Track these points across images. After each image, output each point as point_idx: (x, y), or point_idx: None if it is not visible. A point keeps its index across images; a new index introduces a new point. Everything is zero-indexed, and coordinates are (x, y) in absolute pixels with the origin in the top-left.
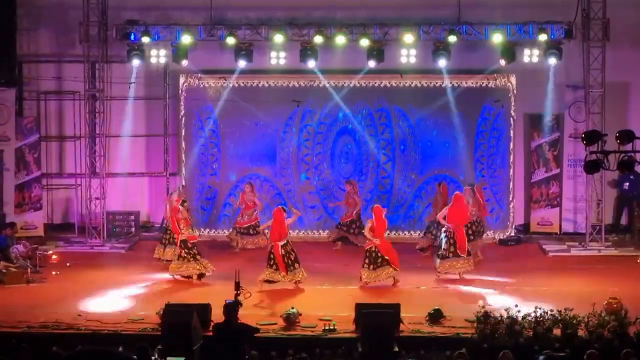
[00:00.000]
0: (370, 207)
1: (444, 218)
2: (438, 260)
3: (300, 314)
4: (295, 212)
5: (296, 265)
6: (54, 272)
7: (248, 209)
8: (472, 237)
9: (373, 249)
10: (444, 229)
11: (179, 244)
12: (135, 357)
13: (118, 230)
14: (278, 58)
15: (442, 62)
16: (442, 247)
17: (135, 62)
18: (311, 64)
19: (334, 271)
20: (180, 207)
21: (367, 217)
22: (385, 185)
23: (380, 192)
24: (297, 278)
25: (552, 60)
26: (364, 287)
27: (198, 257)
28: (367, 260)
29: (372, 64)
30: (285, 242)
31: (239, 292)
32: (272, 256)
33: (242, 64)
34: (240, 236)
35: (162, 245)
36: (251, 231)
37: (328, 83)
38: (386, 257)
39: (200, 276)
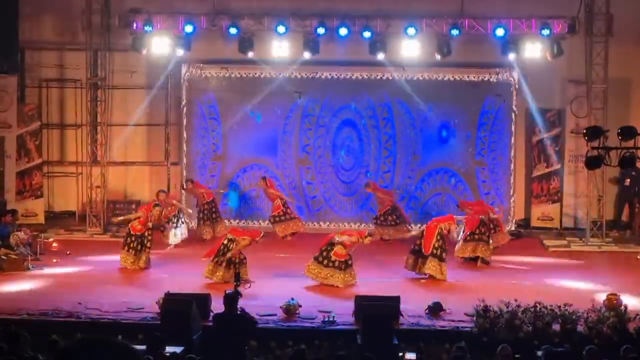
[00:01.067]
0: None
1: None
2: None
3: (300, 305)
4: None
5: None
6: (54, 260)
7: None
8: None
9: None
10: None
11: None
12: (134, 346)
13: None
14: (280, 49)
15: (444, 56)
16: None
17: (138, 51)
18: (314, 55)
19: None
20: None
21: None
22: (386, 179)
23: (381, 185)
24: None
25: (555, 55)
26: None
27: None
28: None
29: (374, 56)
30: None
31: (238, 282)
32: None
33: (244, 54)
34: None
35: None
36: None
37: (330, 74)
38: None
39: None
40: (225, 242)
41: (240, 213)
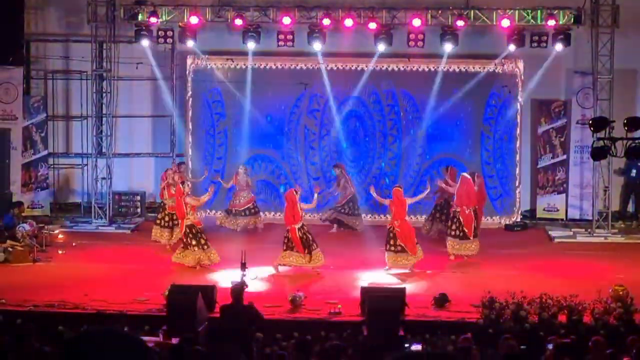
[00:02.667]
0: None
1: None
2: (449, 240)
3: (306, 297)
4: (314, 199)
5: (314, 246)
6: (59, 252)
7: (242, 190)
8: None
9: (392, 230)
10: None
11: (184, 229)
12: (140, 337)
13: (124, 210)
14: (286, 40)
15: (450, 47)
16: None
17: (143, 42)
18: (319, 46)
19: (341, 254)
20: (187, 189)
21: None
22: (392, 166)
23: (387, 173)
24: (316, 262)
25: (561, 46)
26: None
27: (205, 245)
28: (390, 242)
29: (380, 47)
30: (300, 224)
31: (245, 273)
32: (288, 240)
33: (249, 45)
34: (235, 218)
35: (159, 227)
36: (248, 212)
37: (336, 65)
38: (401, 244)
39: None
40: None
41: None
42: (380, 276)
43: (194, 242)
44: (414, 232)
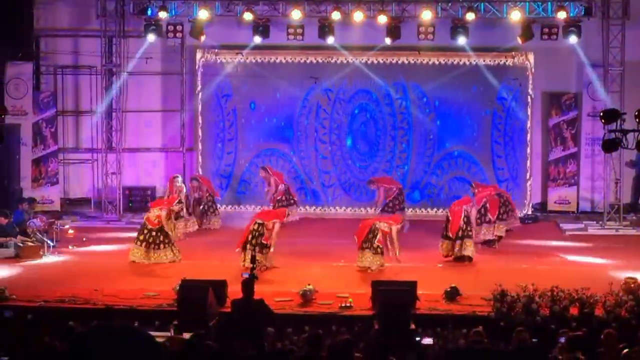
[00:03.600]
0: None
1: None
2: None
3: (317, 291)
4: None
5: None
6: (70, 247)
7: (273, 186)
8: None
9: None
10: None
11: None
12: (149, 333)
13: (134, 205)
14: (295, 34)
15: (460, 40)
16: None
17: (152, 37)
18: (329, 40)
19: (351, 248)
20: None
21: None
22: (403, 159)
23: (397, 166)
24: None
25: (571, 39)
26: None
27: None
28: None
29: (389, 40)
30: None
31: (254, 265)
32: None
33: (259, 39)
34: None
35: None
36: (285, 203)
37: (346, 59)
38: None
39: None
40: (255, 227)
41: (237, 199)
42: (392, 270)
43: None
44: None
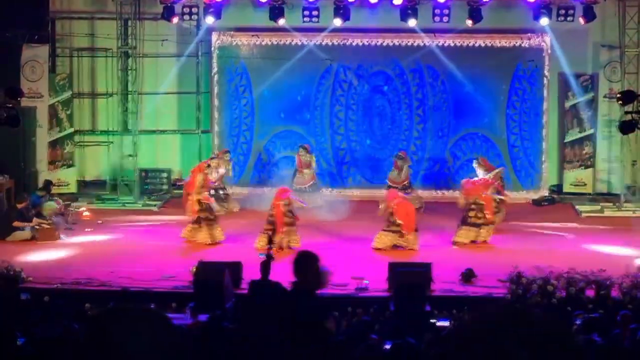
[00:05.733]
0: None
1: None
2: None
3: (332, 273)
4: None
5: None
6: (86, 229)
7: (305, 168)
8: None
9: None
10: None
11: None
12: (166, 314)
13: (150, 187)
14: (311, 16)
15: (475, 22)
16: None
17: (168, 19)
18: (344, 22)
19: (367, 230)
20: (207, 170)
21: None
22: (418, 146)
23: (412, 151)
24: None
25: (587, 20)
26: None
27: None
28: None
29: (405, 23)
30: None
31: (271, 246)
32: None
33: (275, 21)
34: (300, 195)
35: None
36: (311, 189)
37: (361, 41)
38: (399, 221)
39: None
40: (286, 207)
41: (253, 180)
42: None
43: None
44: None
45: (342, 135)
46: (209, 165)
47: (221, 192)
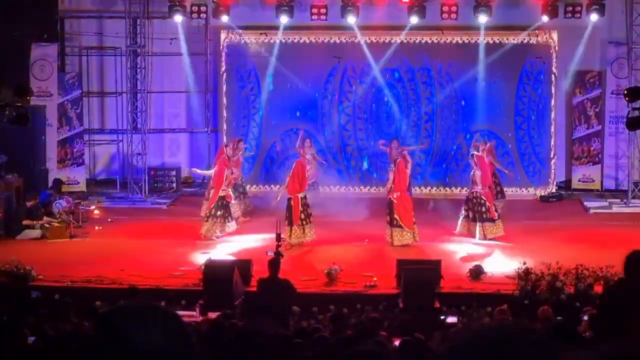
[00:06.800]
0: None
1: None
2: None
3: (342, 270)
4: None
5: (307, 220)
6: (96, 227)
7: (309, 164)
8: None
9: (390, 202)
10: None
11: (216, 199)
12: (175, 312)
13: (160, 185)
14: (319, 14)
15: (483, 19)
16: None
17: (177, 18)
18: (352, 20)
19: (375, 228)
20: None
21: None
22: (426, 143)
23: (421, 149)
24: (306, 237)
25: (595, 16)
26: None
27: (229, 218)
28: (389, 215)
29: (413, 20)
30: (304, 194)
31: (280, 243)
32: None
33: (283, 19)
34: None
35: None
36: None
37: (369, 38)
38: (397, 217)
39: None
40: (303, 201)
41: (262, 178)
42: (415, 248)
43: (218, 213)
44: (412, 207)
45: (350, 132)
46: (228, 157)
47: (241, 189)
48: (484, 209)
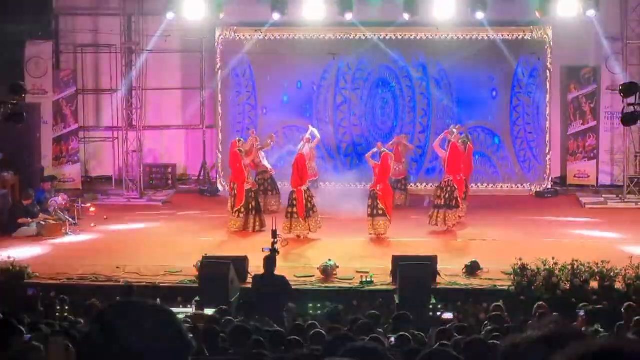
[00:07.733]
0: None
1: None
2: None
3: (338, 266)
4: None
5: (311, 212)
6: (91, 225)
7: (309, 161)
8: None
9: (374, 193)
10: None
11: (245, 194)
12: (171, 309)
13: (155, 182)
14: (314, 10)
15: (478, 14)
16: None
17: (171, 15)
18: (347, 16)
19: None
20: (242, 154)
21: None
22: (421, 140)
23: (416, 145)
24: (311, 230)
25: (590, 12)
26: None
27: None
28: (371, 206)
29: (407, 16)
30: (307, 187)
31: (276, 240)
32: (294, 202)
33: (277, 16)
34: None
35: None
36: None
37: (365, 35)
38: (382, 207)
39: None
40: (307, 194)
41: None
42: (412, 244)
43: (250, 207)
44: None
45: (345, 129)
46: (240, 151)
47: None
48: (453, 196)
